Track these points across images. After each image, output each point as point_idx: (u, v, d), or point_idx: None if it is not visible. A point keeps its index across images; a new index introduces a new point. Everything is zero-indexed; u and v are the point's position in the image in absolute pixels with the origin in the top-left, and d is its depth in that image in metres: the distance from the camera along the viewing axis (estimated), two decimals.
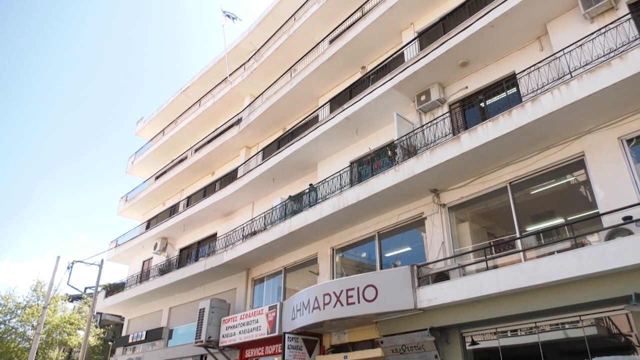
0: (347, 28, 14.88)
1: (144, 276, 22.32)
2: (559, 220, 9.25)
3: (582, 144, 8.42)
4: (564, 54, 8.84)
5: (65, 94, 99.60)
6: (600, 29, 8.56)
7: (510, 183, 9.42)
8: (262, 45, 19.82)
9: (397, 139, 11.25)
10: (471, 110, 11.28)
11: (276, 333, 12.61)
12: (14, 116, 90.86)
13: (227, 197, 17.69)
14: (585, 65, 8.46)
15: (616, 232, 7.19)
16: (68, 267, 20.53)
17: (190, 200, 22.30)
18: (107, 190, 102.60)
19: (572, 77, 8.24)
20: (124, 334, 22.92)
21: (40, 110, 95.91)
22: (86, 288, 32.02)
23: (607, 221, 7.51)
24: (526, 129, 8.30)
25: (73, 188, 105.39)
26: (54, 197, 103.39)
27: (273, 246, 14.03)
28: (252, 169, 16.83)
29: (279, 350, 12.59)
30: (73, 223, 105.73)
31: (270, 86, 18.45)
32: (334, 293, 10.24)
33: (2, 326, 27.64)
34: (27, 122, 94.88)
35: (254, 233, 15.48)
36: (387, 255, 11.88)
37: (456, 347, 9.02)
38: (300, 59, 16.85)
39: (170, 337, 19.42)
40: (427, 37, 12.68)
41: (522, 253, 8.77)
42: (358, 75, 15.06)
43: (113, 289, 23.72)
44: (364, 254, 12.72)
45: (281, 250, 14.53)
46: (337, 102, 14.97)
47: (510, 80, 10.54)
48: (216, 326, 14.85)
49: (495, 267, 8.76)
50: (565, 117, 8.00)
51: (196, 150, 22.06)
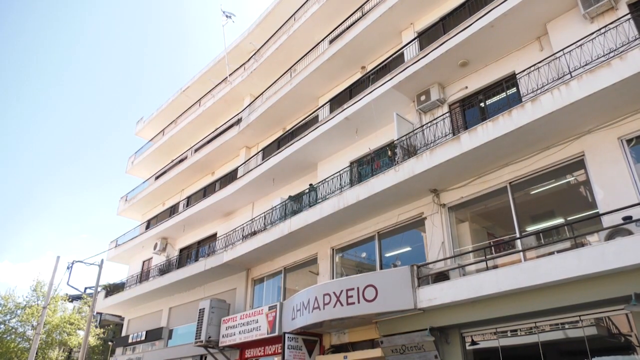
0: (347, 28, 14.88)
1: (144, 276, 22.32)
2: (559, 220, 9.25)
3: (582, 144, 8.43)
4: (564, 54, 8.84)
5: (65, 94, 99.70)
6: (600, 29, 8.56)
7: (510, 183, 9.42)
8: (262, 45, 19.83)
9: (397, 139, 11.25)
10: (471, 110, 11.28)
11: (276, 333, 12.61)
12: (14, 116, 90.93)
13: (227, 197, 17.70)
14: (585, 65, 8.46)
15: (616, 232, 7.19)
16: (68, 267, 20.53)
17: (190, 200, 22.30)
18: (107, 190, 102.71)
19: (572, 77, 8.24)
20: (123, 334, 22.92)
21: (40, 110, 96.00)
22: (86, 288, 32.04)
23: (607, 221, 7.52)
24: (526, 129, 8.30)
25: (73, 188, 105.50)
26: (54, 197, 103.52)
27: (273, 246, 14.03)
28: (252, 169, 16.83)
29: (279, 350, 12.59)
30: (73, 223, 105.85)
31: (270, 86, 18.45)
32: (334, 293, 10.24)
33: (2, 326, 27.64)
34: (27, 122, 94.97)
35: (254, 233, 15.48)
36: (387, 255, 11.88)
37: (456, 347, 9.02)
38: (300, 59, 16.86)
39: (170, 337, 19.42)
40: (427, 37, 12.68)
41: (522, 253, 8.77)
42: (358, 75, 15.06)
43: (113, 289, 23.72)
44: (364, 254, 12.72)
45: (281, 250, 14.53)
46: (337, 102, 14.97)
47: (510, 80, 10.54)
48: (216, 326, 14.86)
49: (495, 267, 8.76)
50: (565, 117, 8.00)
51: (196, 150, 22.06)
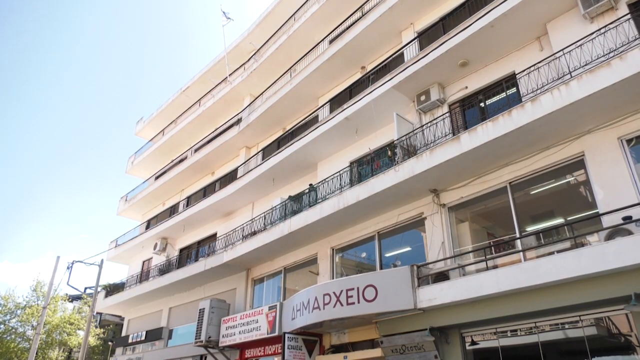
0: (347, 28, 14.87)
1: (143, 276, 22.31)
2: (559, 220, 9.25)
3: (582, 144, 8.43)
4: (564, 54, 8.84)
5: (65, 94, 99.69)
6: (600, 29, 8.56)
7: (510, 183, 9.42)
8: (262, 46, 19.83)
9: (397, 139, 11.25)
10: (471, 110, 11.28)
11: (276, 333, 12.61)
12: (14, 116, 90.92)
13: (227, 197, 17.70)
14: (585, 65, 8.46)
15: (616, 232, 7.19)
16: (68, 267, 20.53)
17: (190, 200, 22.30)
18: (107, 190, 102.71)
19: (571, 77, 8.24)
20: (123, 334, 22.92)
21: (40, 110, 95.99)
22: (86, 288, 32.02)
23: (607, 221, 7.52)
24: (526, 129, 8.30)
25: (73, 188, 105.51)
26: (53, 197, 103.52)
27: (273, 246, 14.03)
28: (252, 169, 16.83)
29: (279, 350, 12.60)
30: (73, 223, 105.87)
31: (270, 86, 18.45)
32: (334, 293, 10.24)
33: (2, 326, 27.63)
34: (27, 122, 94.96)
35: (254, 233, 15.48)
36: (387, 255, 11.88)
37: (456, 347, 9.02)
38: (300, 59, 16.85)
39: (170, 337, 19.42)
40: (427, 37, 12.68)
41: (522, 253, 8.77)
42: (358, 75, 15.05)
43: (113, 289, 23.71)
44: (364, 254, 12.72)
45: (281, 250, 14.53)
46: (337, 102, 14.97)
47: (510, 80, 10.54)
48: (216, 326, 14.86)
49: (495, 267, 8.76)
50: (565, 117, 8.00)
51: (196, 150, 22.06)
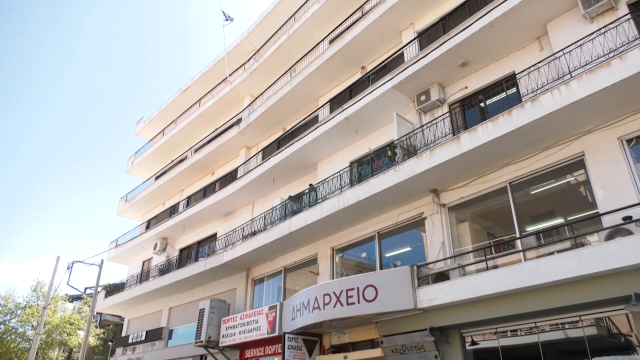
0: (347, 28, 14.87)
1: (144, 276, 22.31)
2: (559, 220, 9.25)
3: (582, 144, 8.43)
4: (564, 54, 8.84)
5: (65, 94, 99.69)
6: (600, 29, 8.56)
7: (510, 183, 9.42)
8: (262, 46, 19.82)
9: (397, 139, 11.25)
10: (471, 110, 11.28)
11: (276, 333, 12.61)
12: (14, 116, 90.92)
13: (227, 197, 17.69)
14: (585, 65, 8.46)
15: (616, 232, 7.19)
16: (68, 268, 20.53)
17: (190, 201, 22.29)
18: (107, 190, 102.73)
19: (571, 77, 8.24)
20: (124, 334, 22.91)
21: (40, 110, 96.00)
22: (86, 288, 32.03)
23: (607, 221, 7.52)
24: (526, 129, 8.30)
25: (73, 188, 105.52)
26: (53, 197, 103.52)
27: (273, 246, 14.03)
28: (252, 169, 16.83)
29: (279, 351, 12.59)
30: (73, 223, 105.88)
31: (270, 86, 18.45)
32: (334, 293, 10.24)
33: (2, 326, 27.64)
34: (27, 122, 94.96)
35: (254, 233, 15.47)
36: (387, 255, 11.88)
37: (456, 347, 9.02)
38: (300, 59, 16.85)
39: (170, 337, 19.41)
40: (427, 37, 12.68)
41: (522, 253, 8.77)
42: (358, 76, 15.05)
43: (113, 289, 23.71)
44: (364, 254, 12.72)
45: (281, 251, 14.53)
46: (337, 102, 14.97)
47: (510, 80, 10.54)
48: (216, 326, 14.85)
49: (495, 267, 8.76)
50: (565, 117, 8.00)
51: (196, 151, 22.05)
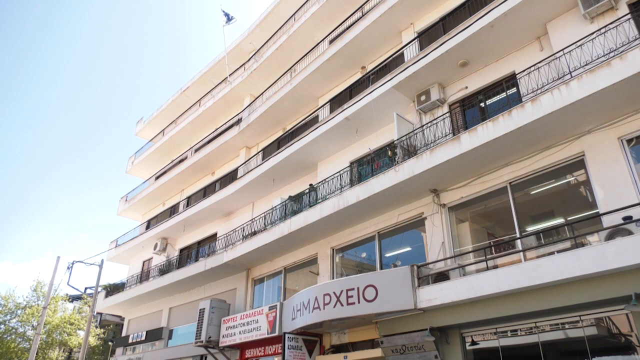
0: (347, 28, 14.87)
1: (144, 276, 22.31)
2: (559, 220, 9.25)
3: (582, 144, 8.43)
4: (564, 54, 8.84)
5: (65, 93, 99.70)
6: (600, 29, 8.56)
7: (510, 183, 9.41)
8: (262, 46, 19.82)
9: (397, 139, 11.25)
10: (471, 110, 11.28)
11: (276, 333, 12.61)
12: (14, 116, 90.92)
13: (227, 197, 17.69)
14: (585, 65, 8.46)
15: (616, 232, 7.19)
16: (68, 268, 20.52)
17: (190, 201, 22.29)
18: (107, 190, 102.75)
19: (572, 77, 8.25)
20: (124, 334, 22.91)
21: (40, 110, 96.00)
22: (86, 288, 32.00)
23: (607, 221, 7.52)
24: (526, 129, 8.30)
25: (73, 188, 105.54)
26: (53, 197, 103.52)
27: (273, 246, 14.03)
28: (252, 169, 16.83)
29: (279, 351, 12.60)
30: (73, 223, 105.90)
31: (270, 86, 18.45)
32: (334, 293, 10.24)
33: (2, 326, 27.64)
34: (26, 122, 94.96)
35: (254, 233, 15.48)
36: (387, 255, 11.88)
37: (456, 347, 9.02)
38: (300, 59, 16.85)
39: (170, 337, 19.42)
40: (427, 37, 12.68)
41: (522, 253, 8.76)
42: (358, 76, 15.05)
43: (113, 289, 23.72)
44: (364, 254, 12.72)
45: (281, 251, 14.53)
46: (337, 102, 14.97)
47: (510, 80, 10.54)
48: (216, 326, 14.85)
49: (495, 267, 8.76)
50: (565, 117, 8.00)
51: (196, 151, 22.05)
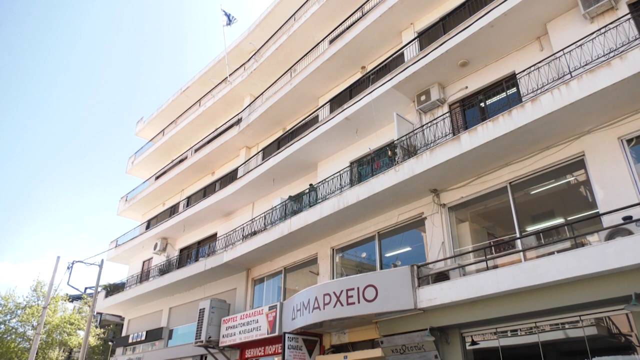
0: (347, 28, 14.87)
1: (144, 276, 22.31)
2: (559, 220, 9.25)
3: (582, 144, 8.43)
4: (564, 54, 8.84)
5: (65, 93, 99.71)
6: (600, 29, 8.56)
7: (510, 183, 9.41)
8: (262, 46, 19.83)
9: (397, 139, 11.25)
10: (471, 110, 11.28)
11: (276, 333, 12.61)
12: (14, 116, 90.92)
13: (227, 197, 17.69)
14: (585, 65, 8.46)
15: (616, 232, 7.19)
16: (68, 267, 20.53)
17: (190, 201, 22.30)
18: (107, 190, 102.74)
19: (572, 77, 8.24)
20: (124, 334, 22.92)
21: (40, 110, 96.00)
22: (86, 288, 32.00)
23: (607, 221, 7.52)
24: (526, 129, 8.30)
25: (73, 188, 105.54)
26: (53, 197, 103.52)
27: (273, 246, 14.03)
28: (252, 169, 16.83)
29: (279, 350, 12.60)
30: (73, 223, 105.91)
31: (270, 86, 18.45)
32: (334, 293, 10.24)
33: (2, 326, 27.64)
34: (26, 122, 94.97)
35: (254, 233, 15.48)
36: (387, 255, 11.88)
37: (456, 347, 9.02)
38: (300, 59, 16.85)
39: (170, 337, 19.42)
40: (427, 37, 12.68)
41: (522, 253, 8.77)
42: (358, 75, 15.05)
43: (113, 289, 23.72)
44: (364, 254, 12.72)
45: (281, 251, 14.53)
46: (337, 102, 14.97)
47: (510, 80, 10.54)
48: (216, 326, 14.86)
49: (495, 267, 8.76)
50: (565, 117, 8.00)
51: (196, 151, 22.06)
